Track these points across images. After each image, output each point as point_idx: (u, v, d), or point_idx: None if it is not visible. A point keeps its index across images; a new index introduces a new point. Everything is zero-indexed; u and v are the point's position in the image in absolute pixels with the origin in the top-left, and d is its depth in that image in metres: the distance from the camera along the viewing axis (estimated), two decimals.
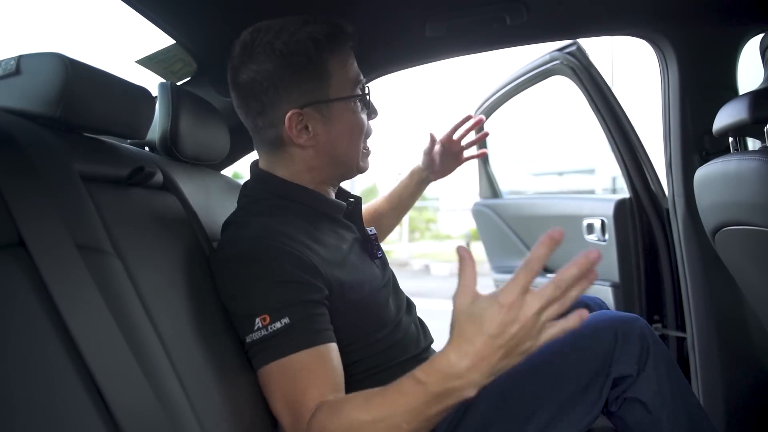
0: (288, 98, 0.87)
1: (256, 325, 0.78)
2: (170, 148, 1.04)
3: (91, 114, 0.78)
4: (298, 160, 0.92)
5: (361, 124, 0.94)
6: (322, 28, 0.88)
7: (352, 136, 0.93)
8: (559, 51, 1.74)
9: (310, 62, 0.87)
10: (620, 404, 0.85)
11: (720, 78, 1.38)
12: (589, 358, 0.84)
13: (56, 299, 0.55)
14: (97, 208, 0.69)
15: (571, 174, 14.45)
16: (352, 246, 0.95)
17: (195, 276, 0.86)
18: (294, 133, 0.88)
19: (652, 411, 0.83)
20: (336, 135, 0.91)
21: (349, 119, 0.92)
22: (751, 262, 1.14)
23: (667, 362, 0.86)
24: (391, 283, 1.02)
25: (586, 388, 0.83)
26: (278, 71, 0.86)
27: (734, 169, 1.04)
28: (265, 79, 0.86)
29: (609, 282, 1.76)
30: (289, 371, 0.76)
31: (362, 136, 0.95)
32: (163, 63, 1.22)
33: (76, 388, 0.54)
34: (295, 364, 0.76)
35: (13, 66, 0.73)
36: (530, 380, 0.83)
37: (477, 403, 0.81)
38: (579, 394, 0.83)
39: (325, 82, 0.89)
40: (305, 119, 0.88)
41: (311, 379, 0.75)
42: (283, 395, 0.77)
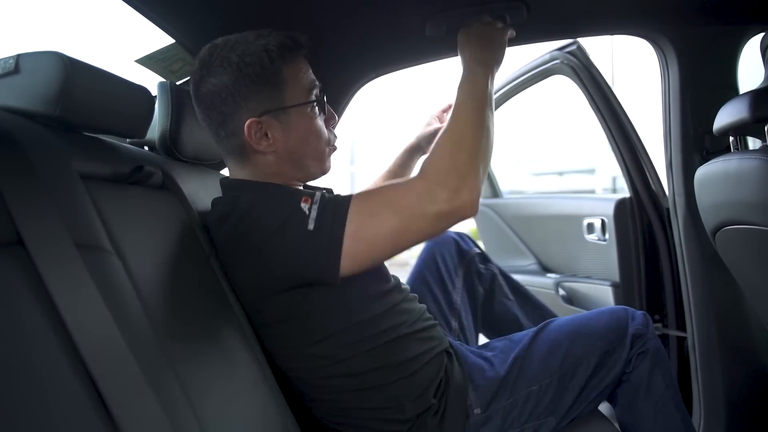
0: (246, 107, 0.90)
1: (305, 208, 0.83)
2: (170, 147, 1.04)
3: (91, 113, 0.78)
4: (262, 166, 0.95)
5: (318, 129, 0.98)
6: (276, 39, 0.91)
7: (310, 140, 0.97)
8: (560, 50, 1.74)
9: (265, 72, 0.90)
10: (634, 364, 1.06)
11: (720, 77, 1.38)
12: (612, 324, 1.08)
13: (55, 298, 0.55)
14: (96, 207, 0.69)
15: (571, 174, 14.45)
16: None
17: (195, 275, 0.86)
18: (254, 141, 0.91)
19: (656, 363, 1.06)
20: (295, 140, 0.95)
21: (307, 124, 0.96)
22: (751, 262, 1.14)
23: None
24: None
25: (613, 348, 1.05)
26: (235, 82, 0.89)
27: (735, 168, 1.04)
28: (223, 91, 0.90)
29: (609, 281, 1.76)
30: (366, 193, 0.86)
31: (321, 140, 0.98)
32: (162, 62, 1.22)
33: (75, 387, 0.53)
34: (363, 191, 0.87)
35: (12, 65, 0.73)
36: (578, 340, 1.05)
37: (531, 363, 1.02)
38: (609, 353, 1.05)
39: (280, 91, 0.92)
40: (264, 127, 0.91)
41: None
42: (390, 204, 0.84)
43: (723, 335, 1.39)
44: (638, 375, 1.07)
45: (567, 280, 1.93)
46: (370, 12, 1.17)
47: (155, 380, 0.61)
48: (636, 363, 1.07)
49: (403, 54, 1.41)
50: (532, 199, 2.14)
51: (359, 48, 1.36)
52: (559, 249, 2.04)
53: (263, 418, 0.83)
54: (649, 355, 1.07)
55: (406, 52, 1.40)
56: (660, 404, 1.07)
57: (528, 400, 1.00)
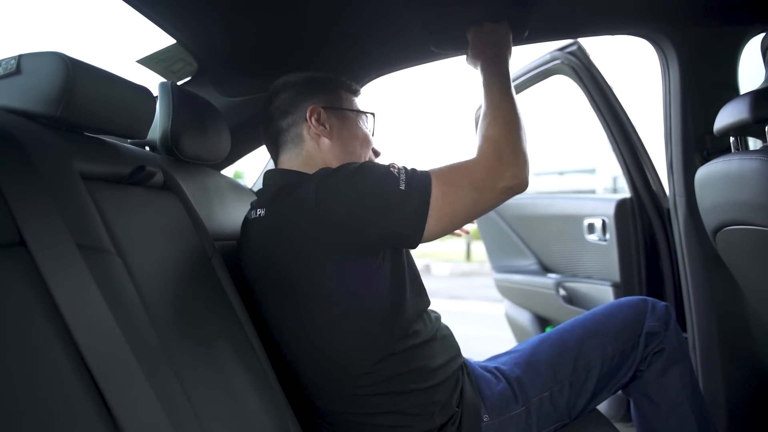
0: (310, 99, 1.04)
1: (395, 172, 0.89)
2: (171, 147, 1.04)
3: (92, 113, 0.78)
4: (315, 155, 1.03)
5: (367, 136, 1.09)
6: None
7: (361, 143, 1.07)
8: (560, 50, 1.74)
9: (328, 84, 1.07)
10: (648, 361, 1.10)
11: (721, 78, 1.38)
12: (628, 322, 1.11)
13: (56, 298, 0.55)
14: (98, 207, 0.69)
15: (571, 174, 14.44)
16: None
17: (196, 275, 0.86)
18: (313, 125, 1.02)
19: (672, 362, 1.09)
20: (348, 136, 1.06)
21: (360, 129, 1.08)
22: (751, 262, 1.14)
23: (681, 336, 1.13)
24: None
25: (628, 348, 1.09)
26: (301, 85, 1.06)
27: (735, 168, 1.04)
28: (292, 88, 1.06)
29: (610, 282, 1.76)
30: (440, 168, 0.91)
31: (368, 146, 1.09)
32: (163, 63, 1.22)
33: (76, 387, 0.54)
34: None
35: (13, 65, 0.73)
36: (589, 342, 1.09)
37: (540, 370, 1.05)
38: (623, 354, 1.08)
39: (341, 98, 1.08)
40: (323, 116, 1.04)
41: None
42: (467, 177, 0.90)
43: (723, 335, 1.39)
44: (651, 373, 1.09)
45: (567, 280, 1.93)
46: (370, 12, 1.17)
47: (156, 380, 0.61)
48: (651, 360, 1.09)
49: (404, 54, 1.41)
50: (533, 199, 2.14)
51: (360, 48, 1.36)
52: (559, 249, 2.04)
53: (264, 417, 0.83)
54: (665, 354, 1.09)
55: (407, 53, 1.40)
56: (675, 404, 1.08)
57: (541, 407, 1.02)
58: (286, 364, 0.98)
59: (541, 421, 1.02)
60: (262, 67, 1.39)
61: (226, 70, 1.37)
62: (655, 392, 1.09)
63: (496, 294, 2.57)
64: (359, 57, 1.41)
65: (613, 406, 1.74)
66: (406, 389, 0.94)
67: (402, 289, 0.96)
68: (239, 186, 1.35)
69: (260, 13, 1.14)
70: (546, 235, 2.10)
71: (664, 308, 1.14)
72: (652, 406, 1.10)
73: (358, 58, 1.41)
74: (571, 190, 12.24)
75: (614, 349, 1.08)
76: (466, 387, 1.01)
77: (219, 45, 1.27)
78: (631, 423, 1.73)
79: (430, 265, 13.15)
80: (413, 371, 0.95)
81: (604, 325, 1.11)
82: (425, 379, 0.96)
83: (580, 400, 1.06)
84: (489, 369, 1.07)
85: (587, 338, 1.09)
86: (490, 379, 1.04)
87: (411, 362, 0.95)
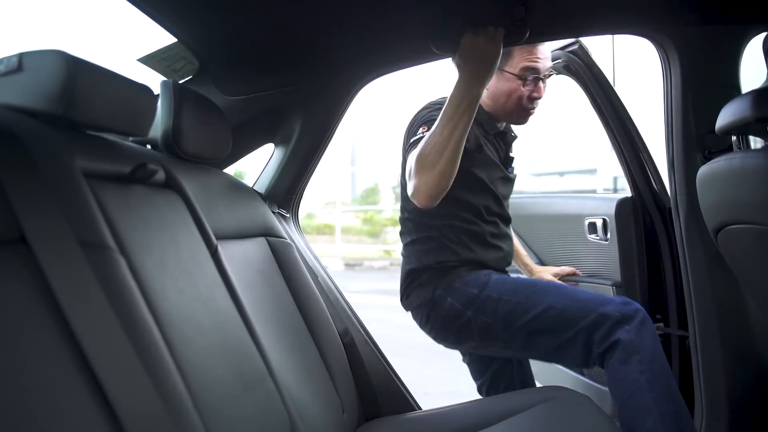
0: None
1: (420, 132, 1.33)
2: (172, 145, 1.04)
3: (94, 111, 0.78)
4: (483, 98, 1.42)
5: (517, 92, 1.46)
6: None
7: (507, 96, 1.47)
8: (561, 50, 1.74)
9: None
10: (605, 346, 1.25)
11: (722, 77, 1.38)
12: (595, 301, 1.30)
13: (58, 295, 0.55)
14: (100, 204, 0.69)
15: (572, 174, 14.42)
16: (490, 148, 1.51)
17: (198, 273, 0.86)
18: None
19: (630, 353, 1.21)
20: (498, 90, 1.48)
21: (509, 86, 1.46)
22: (753, 261, 1.14)
23: (652, 331, 1.27)
24: (506, 193, 1.55)
25: (580, 317, 1.29)
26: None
27: (737, 167, 1.04)
28: None
29: (611, 281, 1.76)
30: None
31: (518, 100, 1.46)
32: (165, 61, 1.22)
33: (78, 385, 0.54)
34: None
35: (15, 63, 0.73)
36: (552, 290, 1.37)
37: (520, 286, 1.39)
38: (571, 316, 1.29)
39: (508, 58, 1.45)
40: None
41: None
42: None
43: (725, 334, 1.38)
44: (611, 362, 1.24)
45: (568, 279, 1.93)
46: (371, 12, 1.18)
47: (158, 377, 0.61)
48: (609, 351, 1.24)
49: (404, 54, 1.41)
50: (534, 198, 2.14)
51: (360, 48, 1.36)
52: (560, 249, 2.04)
53: (265, 416, 0.83)
54: (621, 345, 1.22)
55: (406, 53, 1.40)
56: (632, 392, 1.20)
57: (486, 307, 1.39)
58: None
59: (479, 322, 1.38)
60: (263, 65, 1.39)
61: (227, 69, 1.38)
62: (614, 382, 1.23)
63: None
64: (360, 56, 1.41)
65: (613, 405, 1.74)
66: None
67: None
68: (241, 184, 1.35)
69: (262, 12, 1.14)
70: (547, 235, 2.10)
71: (635, 310, 1.26)
72: (613, 393, 1.25)
73: (359, 57, 1.41)
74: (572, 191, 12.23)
75: (565, 305, 1.31)
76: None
77: (220, 44, 1.27)
78: None
79: None
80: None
81: (575, 291, 1.37)
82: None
83: (518, 322, 1.34)
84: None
85: (554, 288, 1.39)
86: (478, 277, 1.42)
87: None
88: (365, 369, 1.42)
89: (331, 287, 1.54)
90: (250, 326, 0.93)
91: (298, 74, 1.45)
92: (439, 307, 1.43)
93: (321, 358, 1.22)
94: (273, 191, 1.60)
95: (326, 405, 1.13)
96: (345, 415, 1.19)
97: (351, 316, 1.52)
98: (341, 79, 1.47)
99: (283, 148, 1.60)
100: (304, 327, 1.24)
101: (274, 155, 1.64)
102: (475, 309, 1.39)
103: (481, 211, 1.47)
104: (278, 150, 1.62)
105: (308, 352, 1.20)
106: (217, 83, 1.39)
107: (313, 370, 1.17)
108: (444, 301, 1.42)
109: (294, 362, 1.08)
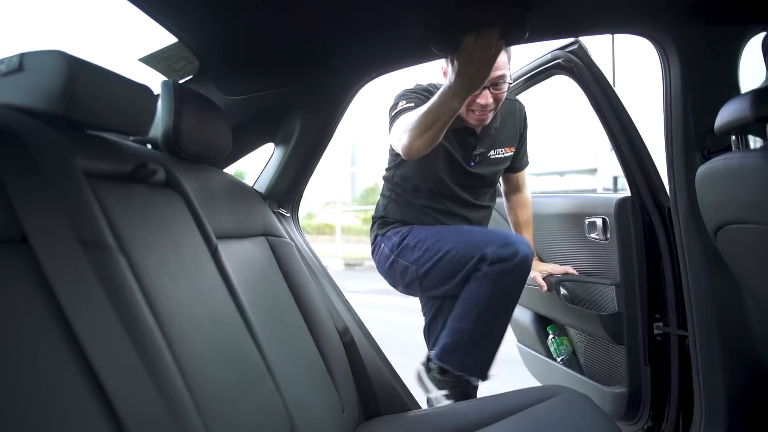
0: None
1: (401, 105, 1.56)
2: (173, 145, 1.04)
3: (94, 111, 0.78)
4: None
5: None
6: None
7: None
8: (561, 50, 1.74)
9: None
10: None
11: (722, 76, 1.38)
12: (473, 247, 1.55)
13: (59, 295, 0.55)
14: (100, 204, 0.69)
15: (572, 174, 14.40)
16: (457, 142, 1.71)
17: (198, 272, 0.86)
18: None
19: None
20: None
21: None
22: (752, 260, 1.14)
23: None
24: (464, 181, 1.75)
25: (469, 257, 1.54)
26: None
27: (736, 166, 1.04)
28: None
29: (611, 281, 1.76)
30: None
31: (466, 102, 1.52)
32: (165, 61, 1.22)
33: (79, 384, 0.54)
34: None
35: (16, 63, 0.73)
36: (448, 263, 1.59)
37: (433, 231, 1.67)
38: (466, 273, 1.55)
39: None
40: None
41: None
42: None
43: (724, 334, 1.38)
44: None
45: (568, 279, 1.93)
46: (370, 11, 1.18)
47: (159, 376, 0.61)
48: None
49: (404, 53, 1.41)
50: (535, 197, 2.13)
51: (360, 48, 1.36)
52: (560, 248, 2.04)
53: (265, 415, 0.84)
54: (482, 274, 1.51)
55: (406, 52, 1.40)
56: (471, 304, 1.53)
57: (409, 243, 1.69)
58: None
59: (400, 265, 1.69)
60: (263, 65, 1.39)
61: (227, 69, 1.38)
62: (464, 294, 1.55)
63: None
64: (360, 56, 1.41)
65: (613, 405, 1.74)
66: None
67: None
68: (241, 184, 1.35)
69: (262, 12, 1.14)
70: (547, 234, 2.10)
71: (512, 253, 1.49)
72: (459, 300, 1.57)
73: (359, 57, 1.41)
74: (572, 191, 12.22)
75: (458, 249, 1.56)
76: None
77: (221, 44, 1.27)
78: (631, 421, 1.73)
79: None
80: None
81: (471, 231, 1.67)
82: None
83: (427, 265, 1.61)
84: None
85: (454, 233, 1.65)
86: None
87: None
88: (365, 368, 1.42)
89: (331, 287, 1.54)
90: (250, 325, 0.93)
91: (298, 74, 1.45)
92: (379, 250, 1.77)
93: (321, 358, 1.22)
94: (273, 191, 1.60)
95: (326, 404, 1.13)
96: (345, 414, 1.19)
97: (351, 316, 1.52)
98: (341, 79, 1.47)
99: (283, 147, 1.60)
100: (304, 326, 1.24)
101: (274, 155, 1.64)
102: (397, 254, 1.69)
103: (423, 190, 1.74)
104: (278, 150, 1.63)
105: (308, 351, 1.20)
106: (218, 83, 1.39)
107: (313, 369, 1.17)
108: (380, 246, 1.76)
109: (294, 361, 1.08)
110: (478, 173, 1.75)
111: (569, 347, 2.08)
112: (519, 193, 1.99)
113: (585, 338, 2.01)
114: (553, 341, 2.11)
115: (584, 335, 2.00)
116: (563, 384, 1.45)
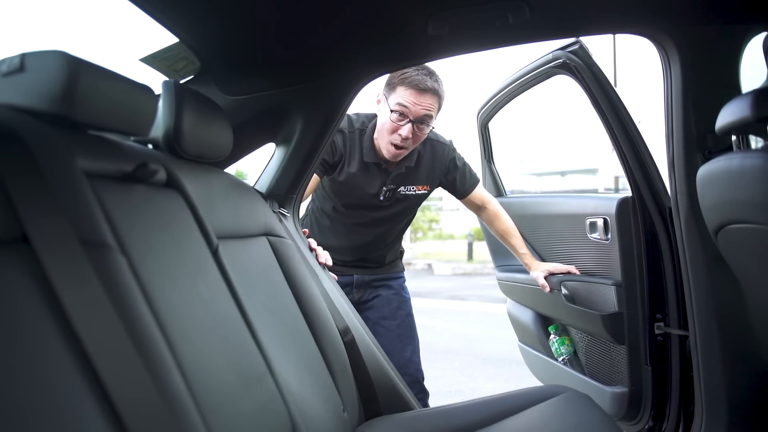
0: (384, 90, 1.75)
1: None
2: (173, 145, 1.04)
3: (95, 111, 0.78)
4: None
5: (386, 125, 1.71)
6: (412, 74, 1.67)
7: (382, 125, 1.73)
8: (562, 50, 1.74)
9: (392, 79, 1.71)
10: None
11: (723, 76, 1.38)
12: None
13: (60, 295, 0.55)
14: (101, 204, 0.70)
15: (573, 174, 14.40)
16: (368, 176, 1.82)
17: (199, 272, 0.86)
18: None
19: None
20: (380, 117, 1.76)
21: (383, 117, 1.73)
22: (753, 261, 1.14)
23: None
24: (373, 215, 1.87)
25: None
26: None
27: (737, 167, 1.04)
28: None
29: (611, 281, 1.76)
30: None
31: (386, 133, 1.71)
32: (166, 61, 1.23)
33: (79, 383, 0.54)
34: None
35: (17, 63, 0.73)
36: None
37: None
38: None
39: (392, 91, 1.70)
40: (380, 101, 1.76)
41: None
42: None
43: (725, 334, 1.38)
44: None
45: (569, 279, 1.93)
46: (372, 10, 1.18)
47: (159, 376, 0.61)
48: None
49: (405, 53, 1.41)
50: (535, 198, 2.14)
51: (361, 46, 1.36)
52: (561, 248, 2.04)
53: (266, 414, 0.84)
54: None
55: (408, 51, 1.40)
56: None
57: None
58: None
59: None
60: (264, 66, 1.39)
61: (228, 69, 1.38)
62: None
63: (496, 294, 2.57)
64: (360, 56, 1.41)
65: (614, 405, 1.74)
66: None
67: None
68: (242, 184, 1.35)
69: (263, 12, 1.14)
70: (548, 234, 2.10)
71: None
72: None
73: (359, 57, 1.41)
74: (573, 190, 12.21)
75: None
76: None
77: (222, 44, 1.27)
78: (632, 421, 1.73)
79: (432, 264, 13.08)
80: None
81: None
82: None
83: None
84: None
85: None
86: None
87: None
88: (366, 368, 1.42)
89: (331, 287, 1.54)
90: (250, 325, 0.93)
91: (298, 74, 1.45)
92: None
93: (321, 357, 1.22)
94: (274, 191, 1.61)
95: (327, 403, 1.13)
96: (345, 413, 1.19)
97: (351, 316, 1.52)
98: (341, 78, 1.47)
99: (284, 147, 1.60)
100: (305, 326, 1.24)
101: (275, 155, 1.64)
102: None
103: (328, 211, 1.91)
104: (279, 149, 1.63)
105: (309, 350, 1.20)
106: (218, 83, 1.40)
107: (313, 368, 1.17)
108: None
109: (294, 361, 1.09)
110: (382, 206, 1.86)
111: (570, 347, 2.08)
112: (485, 209, 2.02)
113: (586, 338, 2.01)
114: (554, 341, 2.11)
115: (585, 335, 2.01)
116: (564, 384, 1.45)
